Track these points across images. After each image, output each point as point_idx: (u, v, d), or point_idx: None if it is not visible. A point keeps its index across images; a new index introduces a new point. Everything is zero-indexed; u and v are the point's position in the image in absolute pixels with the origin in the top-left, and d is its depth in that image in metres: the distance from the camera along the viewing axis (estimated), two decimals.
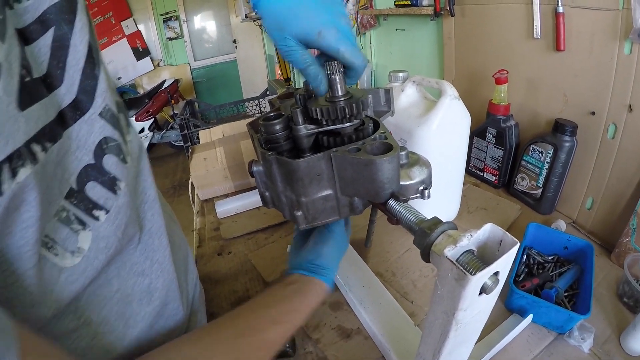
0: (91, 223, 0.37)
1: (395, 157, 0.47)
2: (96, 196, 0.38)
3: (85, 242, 0.36)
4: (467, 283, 0.36)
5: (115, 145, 0.41)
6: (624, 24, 0.83)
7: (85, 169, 0.37)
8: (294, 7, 0.50)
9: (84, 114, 0.38)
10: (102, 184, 0.39)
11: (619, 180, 0.92)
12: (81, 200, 0.37)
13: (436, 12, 1.44)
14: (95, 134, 0.39)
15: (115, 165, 0.40)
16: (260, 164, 0.60)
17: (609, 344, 0.70)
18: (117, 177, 0.40)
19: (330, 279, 0.64)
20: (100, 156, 0.39)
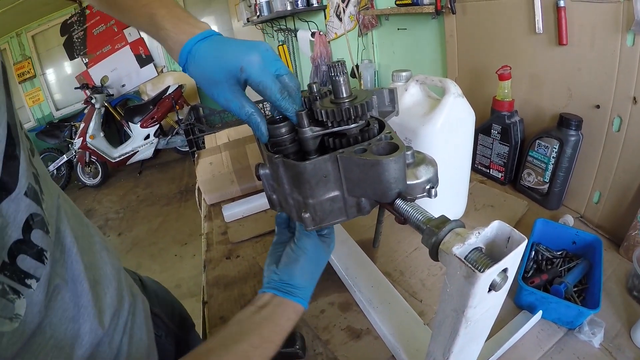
0: (24, 291, 0.39)
1: (402, 156, 0.47)
2: (27, 267, 0.40)
3: (21, 309, 0.39)
4: (476, 280, 0.36)
5: (40, 220, 0.44)
6: (625, 16, 0.83)
7: (15, 244, 0.39)
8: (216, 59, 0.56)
9: (10, 194, 0.40)
10: (31, 256, 0.41)
11: (625, 172, 0.91)
12: (14, 272, 0.39)
13: (437, 10, 1.44)
14: (22, 212, 0.41)
15: (41, 238, 0.43)
16: (267, 167, 0.61)
17: (620, 338, 0.70)
18: (44, 248, 0.43)
19: (306, 299, 0.63)
20: (28, 232, 0.41)
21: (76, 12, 5.97)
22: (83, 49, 6.05)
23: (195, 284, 2.88)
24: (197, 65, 0.57)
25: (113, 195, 5.09)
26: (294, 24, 3.81)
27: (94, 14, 5.95)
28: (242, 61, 0.55)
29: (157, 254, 3.54)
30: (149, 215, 4.37)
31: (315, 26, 3.21)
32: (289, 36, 3.98)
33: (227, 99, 0.58)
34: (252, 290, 0.95)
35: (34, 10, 5.38)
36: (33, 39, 6.04)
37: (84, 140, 4.91)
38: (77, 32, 6.02)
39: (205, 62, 0.57)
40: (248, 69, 0.55)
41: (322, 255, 0.68)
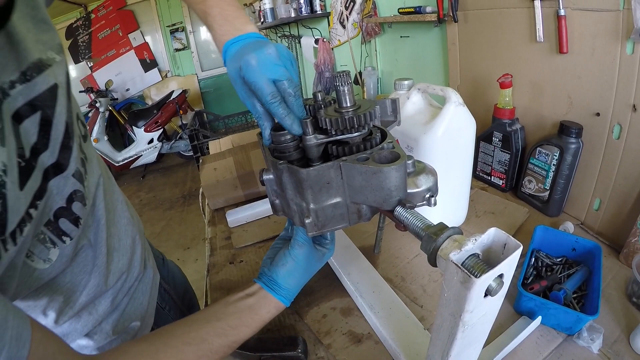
0: (59, 244, 0.54)
1: (402, 165, 0.48)
2: (65, 228, 0.55)
3: (53, 255, 0.53)
4: (472, 285, 0.37)
5: (81, 195, 0.58)
6: (625, 25, 0.84)
7: (59, 209, 0.54)
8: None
9: (62, 172, 0.54)
10: (69, 221, 0.56)
11: (626, 180, 0.92)
12: (55, 229, 0.53)
13: (440, 18, 1.46)
14: (68, 187, 0.56)
15: (80, 209, 0.58)
16: (270, 173, 0.62)
17: (619, 344, 0.70)
18: (80, 216, 0.58)
19: (288, 298, 0.69)
20: (71, 202, 0.56)
21: (81, 16, 6.02)
22: (88, 52, 6.10)
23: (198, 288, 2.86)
24: (226, 66, 0.62)
25: None
26: (297, 31, 3.83)
27: (99, 19, 6.00)
28: (241, 61, 0.57)
29: None
30: (152, 219, 4.39)
31: (319, 33, 3.23)
32: (293, 43, 4.01)
33: (243, 97, 0.62)
34: None
35: None
36: None
37: None
38: (82, 36, 6.07)
39: (228, 63, 0.61)
40: (244, 69, 0.57)
41: (313, 264, 0.71)
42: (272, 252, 0.74)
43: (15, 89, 0.46)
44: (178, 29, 6.32)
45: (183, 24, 6.32)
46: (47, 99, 0.52)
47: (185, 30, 6.36)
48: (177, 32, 6.33)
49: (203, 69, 6.68)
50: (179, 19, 6.28)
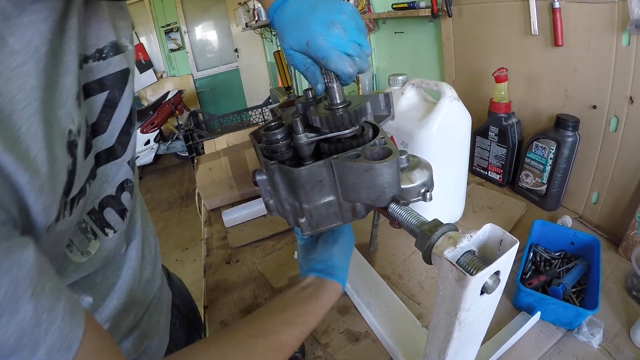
0: (101, 237, 0.50)
1: (395, 161, 0.47)
2: (110, 219, 0.51)
3: (93, 248, 0.49)
4: (467, 283, 0.36)
5: (131, 186, 0.55)
6: (620, 16, 0.83)
7: (106, 198, 0.51)
8: (292, 23, 0.56)
9: (117, 159, 0.52)
10: (116, 212, 0.52)
11: (623, 172, 0.92)
12: (98, 219, 0.49)
13: (434, 13, 1.45)
14: (121, 174, 0.53)
15: (128, 200, 0.55)
16: (263, 173, 0.61)
17: (619, 338, 0.70)
18: (127, 208, 0.55)
19: (344, 279, 0.67)
20: (120, 191, 0.53)
21: None
22: None
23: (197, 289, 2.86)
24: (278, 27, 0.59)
25: None
26: None
27: None
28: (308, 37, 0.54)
29: None
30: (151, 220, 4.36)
31: None
32: None
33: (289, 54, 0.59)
34: (252, 294, 0.95)
35: None
36: None
37: None
38: None
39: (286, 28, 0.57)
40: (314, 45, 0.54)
41: (352, 241, 0.75)
42: (307, 247, 0.75)
43: (88, 65, 0.46)
44: (172, 30, 6.31)
45: (177, 24, 6.30)
46: (119, 81, 0.51)
47: (179, 31, 6.35)
48: (171, 32, 6.31)
49: (198, 68, 6.67)
50: (173, 20, 6.26)
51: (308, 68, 0.59)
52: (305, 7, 0.55)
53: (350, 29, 0.55)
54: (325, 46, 0.54)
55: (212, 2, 6.34)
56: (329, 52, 0.54)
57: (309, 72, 0.59)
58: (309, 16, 0.55)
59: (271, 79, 6.20)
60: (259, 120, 3.92)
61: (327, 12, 0.54)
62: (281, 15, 0.57)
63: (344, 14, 0.55)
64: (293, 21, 0.56)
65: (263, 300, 0.93)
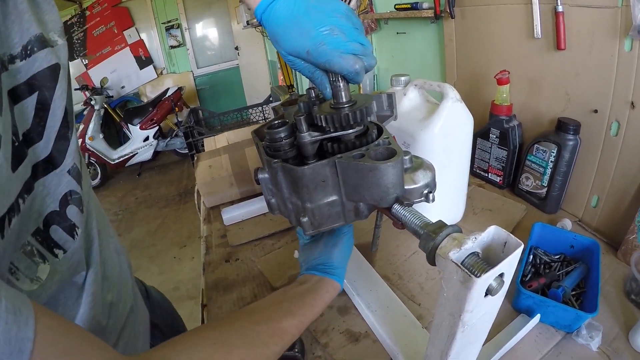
0: (51, 259, 0.44)
1: (399, 162, 0.47)
2: (57, 237, 0.45)
3: (43, 273, 0.42)
4: (472, 285, 0.36)
5: (78, 198, 0.49)
6: (623, 21, 0.83)
7: (51, 214, 0.45)
8: (287, 28, 0.55)
9: (56, 169, 0.46)
10: (64, 229, 0.46)
11: (623, 177, 0.92)
12: (45, 239, 0.43)
13: (436, 14, 1.45)
14: (62, 186, 0.46)
15: (76, 214, 0.48)
16: (265, 171, 0.61)
17: (618, 342, 0.70)
18: (76, 224, 0.48)
19: (341, 278, 0.69)
20: (65, 205, 0.47)
21: (76, 13, 5.98)
22: (83, 50, 6.06)
23: (194, 287, 2.88)
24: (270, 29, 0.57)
25: (112, 197, 5.08)
26: None
27: (94, 16, 5.96)
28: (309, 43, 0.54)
29: (155, 256, 3.54)
30: (148, 217, 4.37)
31: None
32: None
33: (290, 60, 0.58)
34: (252, 293, 0.95)
35: None
36: None
37: (83, 142, 4.91)
38: (77, 33, 6.03)
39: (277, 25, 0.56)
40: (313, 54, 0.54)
41: (352, 243, 0.77)
42: (308, 247, 0.77)
43: (15, 65, 0.42)
44: (173, 26, 6.29)
45: (178, 21, 6.29)
46: (47, 79, 0.46)
47: (180, 27, 6.33)
48: (172, 29, 6.29)
49: (199, 65, 6.65)
50: (174, 16, 6.25)
51: (314, 74, 0.58)
52: (299, 9, 0.54)
53: (348, 30, 0.55)
54: (327, 51, 0.53)
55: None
56: (331, 56, 0.53)
57: (315, 77, 0.58)
58: (305, 21, 0.54)
59: (271, 77, 6.20)
60: (259, 118, 3.92)
61: (323, 16, 0.54)
62: (272, 17, 0.56)
63: (340, 16, 0.55)
64: (288, 25, 0.55)
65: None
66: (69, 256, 0.46)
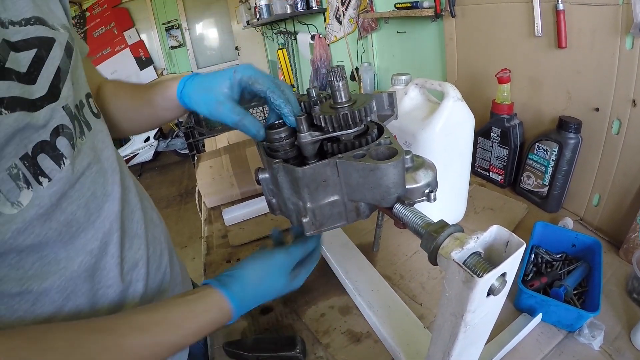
0: (35, 186, 0.44)
1: (400, 161, 0.47)
2: (44, 166, 0.46)
3: (25, 199, 0.43)
4: (474, 285, 0.36)
5: (69, 132, 0.50)
6: (624, 19, 0.83)
7: (41, 143, 0.46)
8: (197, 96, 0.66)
9: (51, 104, 0.48)
10: (51, 158, 0.47)
11: (625, 175, 0.92)
12: (32, 165, 0.44)
13: (437, 13, 1.45)
14: (55, 119, 0.48)
15: (66, 146, 0.49)
16: (266, 172, 0.61)
17: (620, 341, 0.70)
18: (65, 155, 0.49)
19: (237, 297, 0.58)
20: (55, 137, 0.48)
21: (76, 14, 5.98)
22: None
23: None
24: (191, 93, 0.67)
25: None
26: (293, 27, 3.81)
27: (94, 17, 5.96)
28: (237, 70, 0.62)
29: None
30: None
31: (315, 29, 3.22)
32: (289, 39, 3.99)
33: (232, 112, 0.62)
34: None
35: None
36: None
37: None
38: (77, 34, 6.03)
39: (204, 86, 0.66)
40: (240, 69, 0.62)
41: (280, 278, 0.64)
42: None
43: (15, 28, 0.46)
44: (173, 27, 6.29)
45: (178, 22, 6.29)
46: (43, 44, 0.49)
47: (180, 28, 6.33)
48: (172, 29, 6.29)
49: (199, 66, 6.65)
50: (174, 16, 6.24)
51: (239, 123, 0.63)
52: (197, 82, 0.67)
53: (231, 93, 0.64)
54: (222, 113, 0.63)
55: None
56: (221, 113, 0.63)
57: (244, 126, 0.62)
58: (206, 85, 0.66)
59: None
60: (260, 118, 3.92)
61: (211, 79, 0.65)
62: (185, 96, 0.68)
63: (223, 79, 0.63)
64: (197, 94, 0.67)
65: None
66: (52, 184, 0.47)
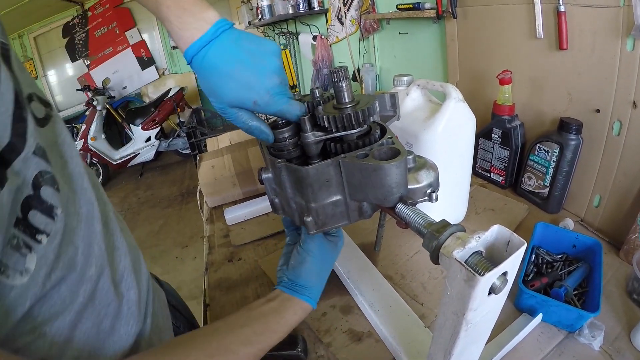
0: (35, 246, 0.41)
1: (403, 161, 0.48)
2: (37, 222, 0.42)
3: (31, 263, 0.40)
4: (476, 284, 0.37)
5: (50, 177, 0.45)
6: (625, 21, 0.83)
7: (26, 200, 0.41)
8: (229, 79, 0.54)
9: (20, 154, 0.41)
10: (42, 212, 0.43)
11: (625, 176, 0.92)
12: (26, 227, 0.40)
13: (438, 14, 1.45)
14: (31, 169, 0.43)
15: (51, 195, 0.44)
16: (269, 171, 0.61)
17: (620, 341, 0.70)
18: (54, 204, 0.44)
19: (313, 298, 0.66)
20: (38, 188, 0.43)
21: (78, 14, 6.00)
22: (85, 50, 6.08)
23: (196, 287, 2.88)
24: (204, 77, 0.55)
25: (114, 197, 5.09)
26: (295, 28, 3.82)
27: (96, 16, 5.98)
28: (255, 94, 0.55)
29: (158, 256, 3.54)
30: (150, 217, 4.38)
31: (317, 30, 3.23)
32: (291, 39, 4.00)
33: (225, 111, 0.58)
34: (254, 293, 0.95)
35: (36, 12, 5.40)
36: (35, 41, 6.07)
37: (85, 142, 4.93)
38: (79, 34, 6.05)
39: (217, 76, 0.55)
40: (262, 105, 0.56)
41: (329, 255, 0.70)
42: (284, 259, 0.72)
43: None
44: None
45: None
46: None
47: None
48: None
49: None
50: None
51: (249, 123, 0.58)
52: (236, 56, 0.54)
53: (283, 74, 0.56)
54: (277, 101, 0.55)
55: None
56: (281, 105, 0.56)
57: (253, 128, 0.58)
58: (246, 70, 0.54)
59: None
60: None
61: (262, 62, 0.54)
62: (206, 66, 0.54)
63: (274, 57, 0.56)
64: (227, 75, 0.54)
65: None
66: (52, 238, 0.43)
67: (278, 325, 0.60)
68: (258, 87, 0.54)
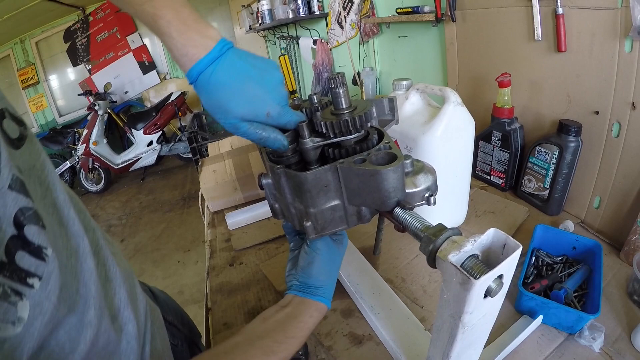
0: (26, 292, 0.36)
1: (400, 166, 0.48)
2: (27, 265, 0.37)
3: (24, 312, 0.35)
4: (471, 287, 0.37)
5: (32, 214, 0.40)
6: (623, 23, 0.83)
7: (11, 240, 0.36)
8: (240, 94, 0.54)
9: None
10: (30, 253, 0.38)
11: (625, 178, 0.92)
12: (13, 271, 0.36)
13: (437, 18, 1.46)
14: (10, 206, 0.37)
15: (37, 234, 0.39)
16: (269, 177, 0.62)
17: (620, 343, 0.70)
18: (42, 245, 0.39)
19: (327, 297, 0.65)
20: (21, 227, 0.38)
21: (80, 19, 6.03)
22: (86, 55, 6.11)
23: (198, 291, 2.89)
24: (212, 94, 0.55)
25: (116, 202, 5.10)
26: (295, 32, 3.83)
27: (97, 21, 6.01)
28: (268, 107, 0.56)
29: (159, 260, 3.55)
30: (152, 221, 4.39)
31: (317, 34, 3.24)
32: (291, 43, 4.01)
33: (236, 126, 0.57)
34: (256, 297, 0.96)
35: (38, 16, 5.42)
36: (37, 46, 6.09)
37: (87, 147, 4.95)
38: (81, 39, 6.08)
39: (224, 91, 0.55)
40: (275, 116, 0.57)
41: (336, 252, 0.70)
42: (291, 264, 0.71)
43: None
44: None
45: None
46: None
47: None
48: None
49: None
50: None
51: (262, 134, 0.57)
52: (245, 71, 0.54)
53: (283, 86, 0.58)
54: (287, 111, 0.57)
55: (216, 3, 6.35)
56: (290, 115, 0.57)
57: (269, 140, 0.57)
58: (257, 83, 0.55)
59: None
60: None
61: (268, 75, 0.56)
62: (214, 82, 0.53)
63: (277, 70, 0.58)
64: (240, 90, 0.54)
65: (267, 302, 0.93)
66: (45, 282, 0.39)
67: (297, 330, 0.59)
68: (270, 100, 0.56)
